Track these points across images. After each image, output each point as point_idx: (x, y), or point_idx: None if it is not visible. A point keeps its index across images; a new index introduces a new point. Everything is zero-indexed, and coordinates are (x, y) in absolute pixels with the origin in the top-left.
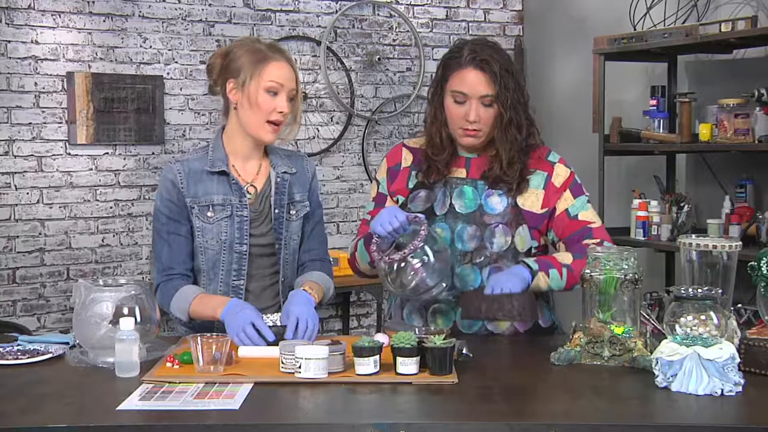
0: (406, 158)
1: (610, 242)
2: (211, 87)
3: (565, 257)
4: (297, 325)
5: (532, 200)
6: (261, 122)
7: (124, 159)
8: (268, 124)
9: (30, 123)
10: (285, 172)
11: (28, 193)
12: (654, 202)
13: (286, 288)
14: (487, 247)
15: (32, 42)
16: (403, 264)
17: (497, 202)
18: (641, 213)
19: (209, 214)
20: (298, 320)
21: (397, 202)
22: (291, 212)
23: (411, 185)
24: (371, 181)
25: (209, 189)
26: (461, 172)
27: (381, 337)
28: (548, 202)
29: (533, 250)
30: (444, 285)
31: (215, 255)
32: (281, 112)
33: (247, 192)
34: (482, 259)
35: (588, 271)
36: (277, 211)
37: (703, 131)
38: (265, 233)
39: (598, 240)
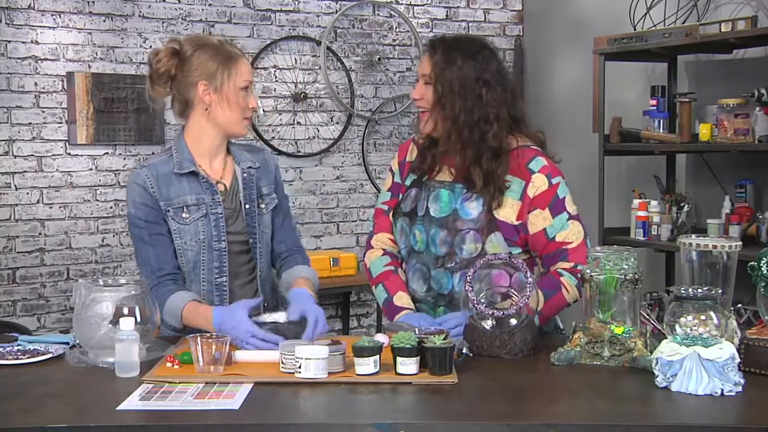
0: (412, 153)
1: (584, 263)
2: (157, 89)
3: (540, 301)
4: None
5: (507, 211)
6: (239, 119)
7: (124, 159)
8: (245, 120)
9: (30, 123)
10: (250, 167)
11: (28, 193)
12: (654, 202)
13: (264, 283)
14: (456, 253)
15: (32, 42)
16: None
17: (473, 207)
18: (641, 213)
19: (184, 215)
20: (316, 319)
21: (398, 198)
22: (261, 206)
23: (408, 182)
24: (371, 182)
25: (181, 190)
26: (451, 171)
27: (381, 337)
28: (522, 215)
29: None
30: None
31: (195, 255)
32: (252, 108)
33: (218, 190)
34: (453, 264)
35: (588, 271)
36: (248, 206)
37: (703, 131)
38: (240, 231)
39: (572, 265)
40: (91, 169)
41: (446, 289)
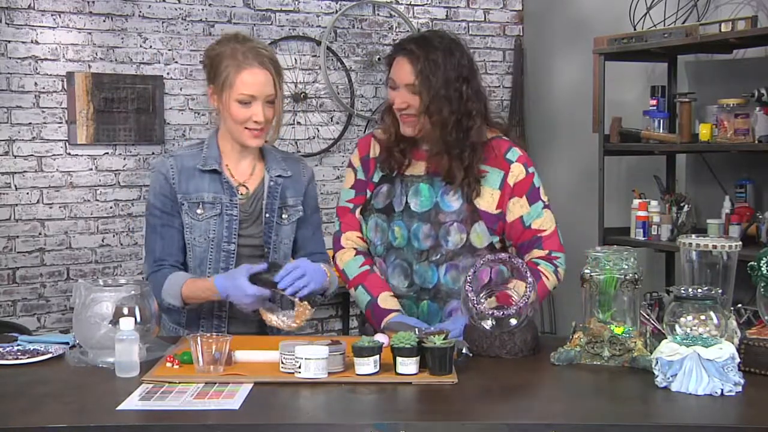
0: (374, 149)
1: (559, 250)
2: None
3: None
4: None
5: (487, 200)
6: (240, 129)
7: (124, 159)
8: (248, 131)
9: (30, 123)
10: (279, 176)
11: (28, 193)
12: (654, 202)
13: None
14: (442, 245)
15: (32, 42)
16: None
17: (453, 200)
18: (641, 213)
19: (199, 211)
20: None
21: (365, 195)
22: (283, 216)
23: (376, 178)
24: None
25: (200, 186)
26: (421, 165)
27: (381, 337)
28: (502, 203)
29: (496, 245)
30: None
31: (202, 252)
32: (257, 121)
33: (239, 192)
34: (438, 257)
35: (588, 271)
36: (268, 215)
37: (703, 131)
38: (254, 235)
39: (546, 252)
40: (91, 169)
41: (431, 282)
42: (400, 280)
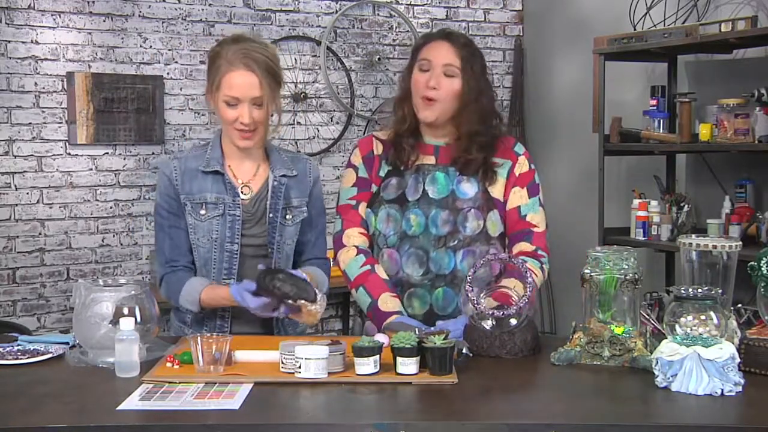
0: (377, 147)
1: (545, 250)
2: None
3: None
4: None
5: (500, 189)
6: (230, 130)
7: (124, 159)
8: (236, 131)
9: (30, 123)
10: (284, 176)
11: (28, 193)
12: (654, 202)
13: None
14: (460, 231)
15: (32, 42)
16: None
17: (469, 188)
18: (641, 213)
19: (202, 212)
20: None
21: (369, 191)
22: (287, 217)
23: (382, 173)
24: None
25: (203, 187)
26: (430, 159)
27: (381, 337)
28: (507, 192)
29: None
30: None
31: (206, 253)
32: (243, 123)
33: (242, 192)
34: (456, 242)
35: (588, 271)
36: (271, 215)
37: (703, 131)
38: (258, 235)
39: (534, 248)
40: (91, 169)
41: (447, 269)
42: (415, 269)
